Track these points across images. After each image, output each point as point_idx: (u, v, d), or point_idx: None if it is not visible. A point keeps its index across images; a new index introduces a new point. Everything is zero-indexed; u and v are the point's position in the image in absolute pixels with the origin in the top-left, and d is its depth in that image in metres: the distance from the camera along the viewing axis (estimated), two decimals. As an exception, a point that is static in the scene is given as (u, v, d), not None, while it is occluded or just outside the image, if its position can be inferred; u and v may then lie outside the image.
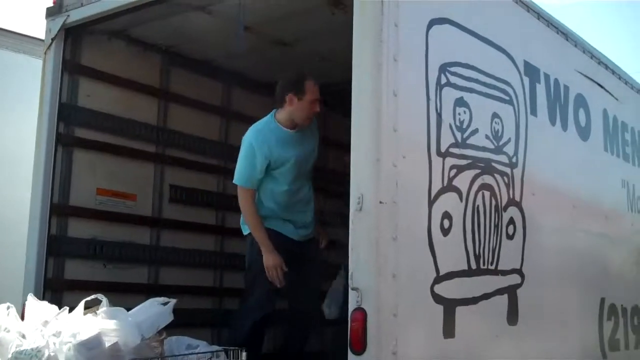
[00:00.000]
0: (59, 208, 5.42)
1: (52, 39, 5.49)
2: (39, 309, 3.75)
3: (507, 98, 4.83)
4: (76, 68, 5.65)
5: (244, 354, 3.82)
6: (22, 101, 6.98)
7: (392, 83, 3.84)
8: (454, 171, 4.20)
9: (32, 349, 3.30)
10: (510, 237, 4.67)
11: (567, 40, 5.75)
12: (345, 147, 7.55)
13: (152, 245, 5.98)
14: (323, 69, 6.57)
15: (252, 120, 6.81)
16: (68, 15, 5.43)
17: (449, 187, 4.16)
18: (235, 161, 5.63)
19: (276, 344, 6.04)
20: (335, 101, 7.37)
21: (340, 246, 4.44)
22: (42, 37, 5.61)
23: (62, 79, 5.52)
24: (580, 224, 5.62)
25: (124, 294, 5.44)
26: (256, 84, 6.85)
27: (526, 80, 5.06)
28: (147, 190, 6.08)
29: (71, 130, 5.61)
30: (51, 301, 4.45)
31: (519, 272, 4.73)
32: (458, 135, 4.29)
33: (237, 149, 6.62)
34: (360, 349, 3.56)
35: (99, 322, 3.52)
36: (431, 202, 4.02)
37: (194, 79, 6.48)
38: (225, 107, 6.80)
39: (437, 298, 3.98)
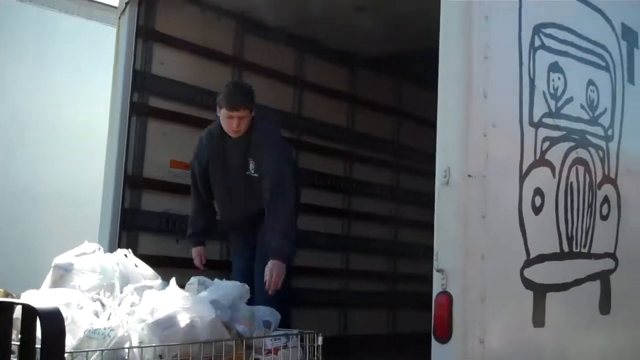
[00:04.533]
0: (133, 180, 5.34)
1: (126, 4, 5.39)
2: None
3: (603, 64, 4.46)
4: (150, 34, 5.53)
5: (319, 337, 3.62)
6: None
7: (483, 45, 3.55)
8: (546, 143, 3.89)
9: (104, 328, 3.17)
10: (604, 217, 4.33)
11: (667, 1, 5.28)
12: (418, 120, 7.52)
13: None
14: (397, 36, 6.32)
15: (324, 91, 6.74)
16: (143, -21, 5.30)
17: (541, 161, 3.85)
18: (310, 133, 5.48)
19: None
20: (410, 70, 7.16)
21: None
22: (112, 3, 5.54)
23: (136, 45, 5.41)
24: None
25: (196, 270, 5.36)
26: (329, 51, 6.63)
27: (623, 44, 4.67)
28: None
29: (145, 99, 5.51)
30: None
31: (612, 256, 4.39)
32: (552, 103, 3.96)
33: (311, 120, 6.58)
34: (445, 336, 3.31)
35: (174, 299, 3.38)
36: (522, 177, 3.72)
37: (268, 46, 6.30)
38: (299, 76, 6.61)
39: (527, 283, 3.69)
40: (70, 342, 3.03)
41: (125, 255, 3.98)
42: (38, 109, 6.65)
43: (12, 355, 2.89)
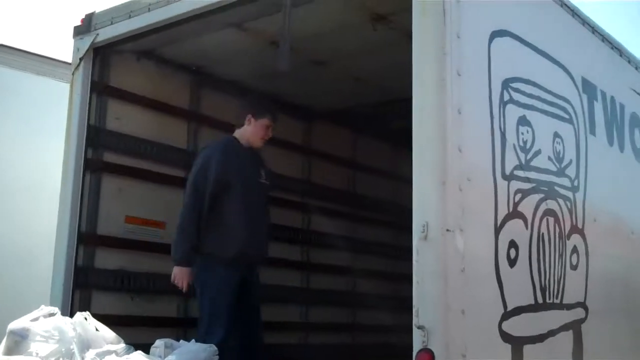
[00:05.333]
0: (86, 237, 5.16)
1: (81, 59, 5.27)
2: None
3: (567, 117, 4.53)
4: (104, 89, 5.43)
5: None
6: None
7: (457, 99, 3.54)
8: (518, 195, 3.89)
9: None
10: (574, 267, 4.35)
11: (621, 56, 5.45)
12: (378, 172, 7.51)
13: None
14: (357, 90, 6.34)
15: (284, 145, 6.68)
16: (97, 34, 5.21)
17: (514, 213, 3.85)
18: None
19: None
20: (369, 124, 7.18)
21: None
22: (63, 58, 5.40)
23: (90, 100, 5.28)
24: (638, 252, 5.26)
25: (152, 328, 5.16)
26: (288, 106, 6.58)
27: (584, 97, 4.77)
28: (176, 218, 5.75)
29: (99, 154, 5.37)
30: (78, 336, 4.14)
31: (583, 305, 4.41)
32: (522, 156, 3.98)
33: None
34: (428, 394, 3.21)
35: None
36: (497, 230, 3.71)
37: (225, 100, 6.21)
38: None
39: (505, 336, 3.65)
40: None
41: (85, 318, 3.77)
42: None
43: None
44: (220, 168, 4.71)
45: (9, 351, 3.47)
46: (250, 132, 4.93)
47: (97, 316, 4.72)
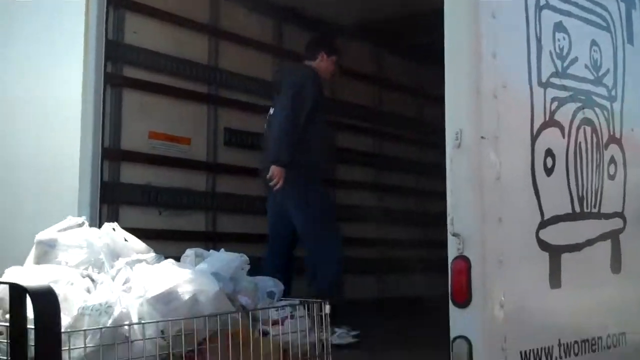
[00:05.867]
0: (110, 152, 5.07)
1: (96, -30, 5.07)
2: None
3: (604, 24, 4.38)
4: (121, 2, 5.24)
5: (327, 306, 3.46)
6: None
7: (491, 3, 3.40)
8: (555, 104, 3.79)
9: (100, 304, 2.95)
10: (611, 177, 4.29)
11: (660, -37, 5.20)
12: (399, 88, 7.38)
13: (208, 192, 5.65)
14: (379, 3, 6.13)
15: (303, 59, 6.52)
16: (114, -58, 5.01)
17: (551, 122, 3.76)
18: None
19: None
20: (390, 39, 7.00)
21: None
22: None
23: (107, 13, 5.12)
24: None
25: (180, 242, 5.13)
26: (307, 19, 6.40)
27: (622, 5, 4.60)
28: (200, 134, 5.73)
29: (119, 69, 5.24)
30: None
31: (620, 215, 4.36)
32: (558, 63, 3.86)
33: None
34: (464, 300, 3.19)
35: (172, 272, 3.17)
36: (534, 138, 3.62)
37: (246, 15, 6.05)
38: (276, 45, 6.38)
39: (543, 244, 3.61)
40: (64, 321, 2.79)
41: (114, 229, 3.74)
42: (7, 82, 6.30)
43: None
44: (316, 90, 5.29)
45: (38, 260, 3.46)
46: (323, 67, 5.51)
47: (125, 229, 4.76)
